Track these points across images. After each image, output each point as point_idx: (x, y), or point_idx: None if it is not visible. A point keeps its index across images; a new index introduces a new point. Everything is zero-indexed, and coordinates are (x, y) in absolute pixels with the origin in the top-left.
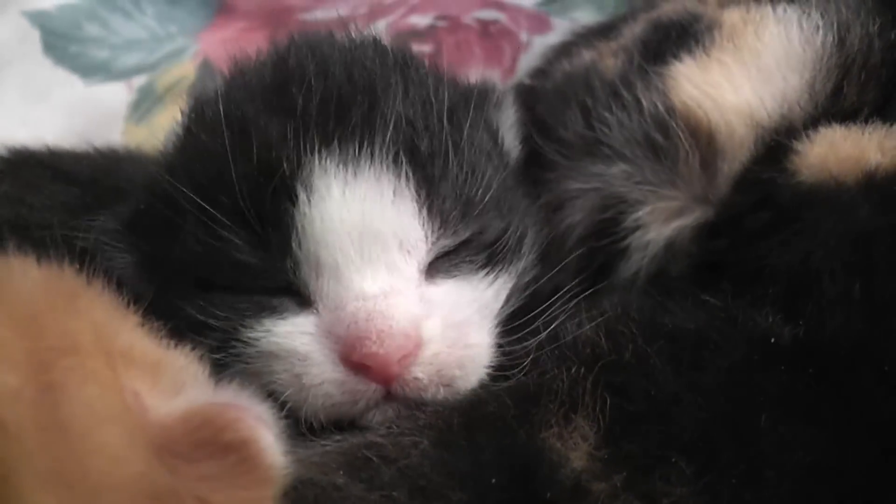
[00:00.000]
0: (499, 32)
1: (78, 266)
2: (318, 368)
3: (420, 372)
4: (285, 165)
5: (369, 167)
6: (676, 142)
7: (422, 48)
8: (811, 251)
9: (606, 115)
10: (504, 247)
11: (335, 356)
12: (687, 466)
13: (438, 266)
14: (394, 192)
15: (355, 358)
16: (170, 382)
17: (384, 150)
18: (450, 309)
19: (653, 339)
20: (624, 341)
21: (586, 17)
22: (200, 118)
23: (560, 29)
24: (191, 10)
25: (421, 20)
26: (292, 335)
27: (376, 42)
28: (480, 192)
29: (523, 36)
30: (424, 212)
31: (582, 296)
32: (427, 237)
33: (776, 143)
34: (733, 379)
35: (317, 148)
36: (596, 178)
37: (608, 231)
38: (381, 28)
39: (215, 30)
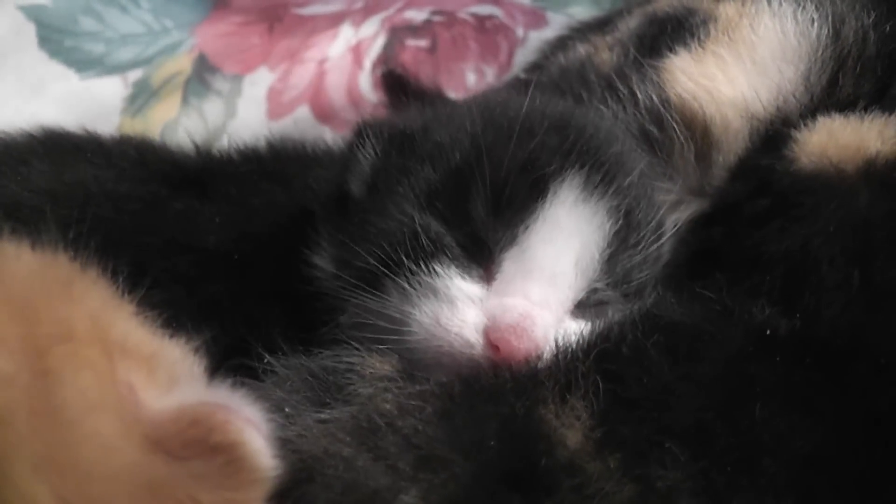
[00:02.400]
0: (495, 27)
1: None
2: (464, 325)
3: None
4: (550, 166)
5: (597, 200)
6: (671, 134)
7: (418, 43)
8: (810, 237)
9: (602, 107)
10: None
11: (481, 326)
12: (681, 452)
13: (580, 310)
14: (599, 227)
15: (493, 338)
16: (164, 376)
17: (612, 195)
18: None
19: (649, 332)
20: (621, 333)
21: (582, 11)
22: (494, 110)
23: (555, 24)
24: (186, 4)
25: (417, 15)
26: (463, 293)
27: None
28: (642, 278)
29: (519, 31)
30: (605, 257)
31: None
32: (592, 278)
33: (775, 132)
34: (729, 370)
35: (574, 165)
36: None
37: None
38: (376, 22)
39: (211, 24)
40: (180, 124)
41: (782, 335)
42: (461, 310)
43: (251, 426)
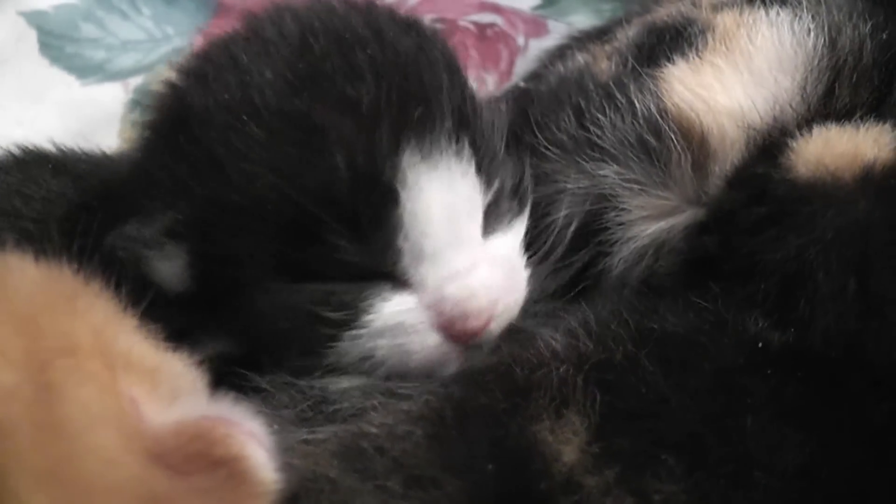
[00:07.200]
0: (496, 36)
1: (75, 263)
2: (420, 337)
3: (495, 326)
4: (381, 168)
5: (441, 154)
6: (669, 144)
7: None
8: (806, 246)
9: (599, 116)
10: (520, 187)
11: (434, 326)
12: (677, 465)
13: (487, 221)
14: (462, 173)
15: (455, 331)
16: (166, 390)
17: (448, 136)
18: (504, 259)
19: (643, 344)
20: (615, 344)
21: (582, 20)
22: (249, 106)
23: (556, 32)
24: (188, 11)
25: None
26: (399, 313)
27: (410, 24)
28: (498, 144)
29: (520, 39)
30: (479, 178)
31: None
32: (482, 200)
33: (771, 141)
34: (721, 382)
35: (401, 146)
36: (587, 178)
37: (598, 231)
38: None
39: (212, 31)
40: None
41: (775, 348)
42: (406, 329)
43: (253, 440)
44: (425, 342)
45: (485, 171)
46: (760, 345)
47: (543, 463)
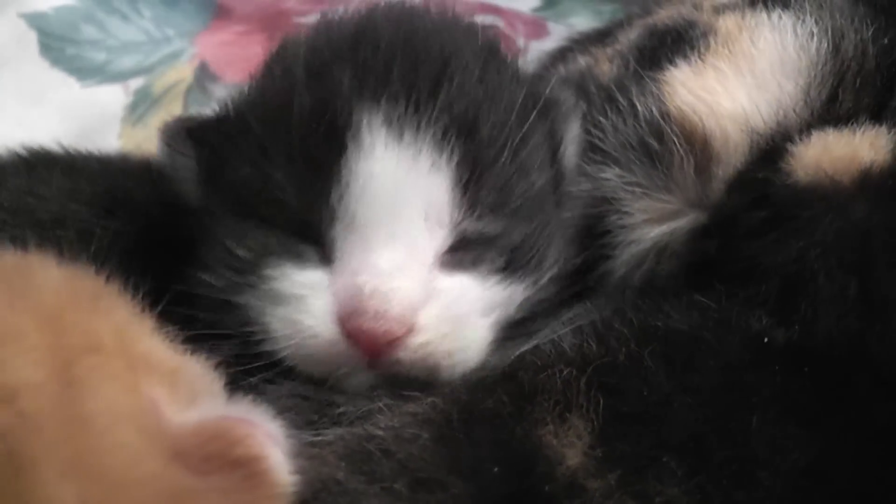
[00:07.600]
0: (496, 37)
1: (93, 262)
2: (315, 321)
3: (404, 355)
4: (339, 114)
5: (414, 133)
6: (671, 147)
7: None
8: (807, 249)
9: (601, 119)
10: (527, 254)
11: (335, 317)
12: (678, 467)
13: (457, 256)
14: (432, 164)
15: (348, 326)
16: (185, 391)
17: (432, 120)
18: (453, 301)
19: (646, 342)
20: (618, 344)
21: (583, 22)
22: (279, 56)
23: (557, 34)
24: (188, 13)
25: None
26: (306, 286)
27: (469, 24)
28: (521, 193)
29: (520, 41)
30: (459, 193)
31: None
32: (453, 219)
33: (771, 147)
34: (725, 380)
35: (370, 102)
36: (589, 181)
37: (599, 234)
38: None
39: (212, 33)
40: None
41: (780, 344)
42: (307, 304)
43: (271, 441)
44: (321, 332)
45: (477, 196)
46: (766, 340)
47: (547, 466)
